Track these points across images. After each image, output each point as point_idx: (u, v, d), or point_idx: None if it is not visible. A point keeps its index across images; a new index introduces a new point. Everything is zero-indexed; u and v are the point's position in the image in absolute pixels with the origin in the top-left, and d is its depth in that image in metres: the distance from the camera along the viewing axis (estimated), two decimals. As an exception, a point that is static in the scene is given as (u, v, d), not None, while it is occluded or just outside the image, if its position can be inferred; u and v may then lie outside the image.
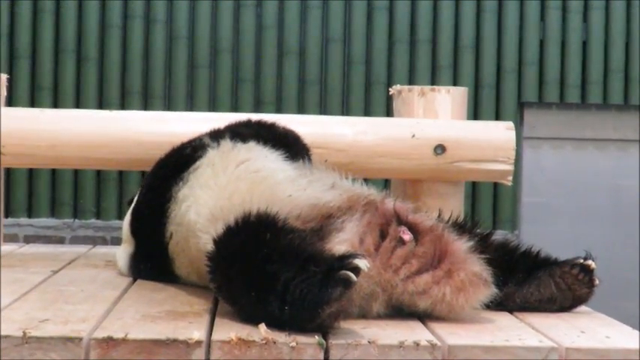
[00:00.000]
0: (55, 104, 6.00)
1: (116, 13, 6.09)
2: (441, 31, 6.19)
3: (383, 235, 2.39)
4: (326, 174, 2.69)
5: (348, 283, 2.07)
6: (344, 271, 2.07)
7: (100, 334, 2.08)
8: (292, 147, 2.93)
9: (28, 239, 5.89)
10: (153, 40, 6.13)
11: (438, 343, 2.11)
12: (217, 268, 2.32)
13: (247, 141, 2.82)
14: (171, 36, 6.15)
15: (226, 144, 2.81)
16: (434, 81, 6.15)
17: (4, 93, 3.57)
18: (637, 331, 2.34)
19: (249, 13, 6.15)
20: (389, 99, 4.57)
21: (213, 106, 6.09)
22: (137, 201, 3.02)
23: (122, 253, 3.02)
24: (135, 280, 2.90)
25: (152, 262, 2.87)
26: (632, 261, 6.23)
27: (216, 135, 2.92)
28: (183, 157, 2.86)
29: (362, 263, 2.09)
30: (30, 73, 6.05)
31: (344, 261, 2.09)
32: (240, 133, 2.90)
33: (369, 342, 2.10)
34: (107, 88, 6.08)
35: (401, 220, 2.42)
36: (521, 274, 2.56)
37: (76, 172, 6.03)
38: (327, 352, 2.08)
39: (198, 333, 2.09)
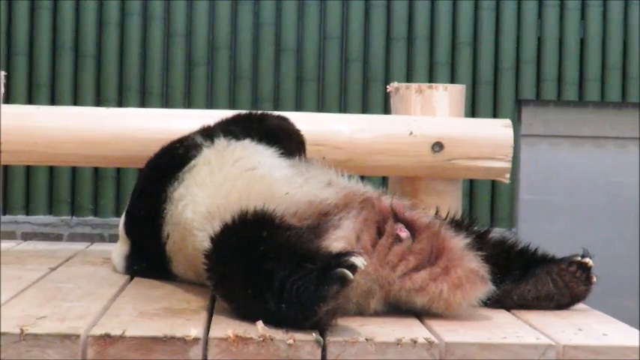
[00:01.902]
0: (53, 101, 6.00)
1: (113, 10, 6.08)
2: (438, 28, 6.19)
3: (380, 233, 2.39)
4: (322, 171, 2.69)
5: (344, 281, 2.07)
6: (340, 269, 2.07)
7: (98, 331, 2.08)
8: (285, 142, 2.92)
9: (26, 236, 5.88)
10: (150, 38, 6.12)
11: (436, 341, 2.11)
12: (214, 265, 2.32)
13: (242, 138, 2.82)
14: (168, 33, 6.14)
15: (221, 142, 2.81)
16: (431, 78, 6.14)
17: (2, 90, 3.56)
18: (634, 329, 2.34)
19: (246, 10, 6.15)
20: (386, 96, 4.57)
21: (210, 104, 6.09)
22: (131, 202, 3.01)
23: (118, 254, 3.02)
24: (132, 277, 2.90)
25: (148, 262, 2.87)
26: (630, 258, 6.23)
27: (209, 133, 2.91)
28: (176, 157, 2.85)
29: (358, 261, 2.09)
30: (27, 69, 6.04)
31: (340, 259, 2.09)
32: (231, 130, 2.90)
33: (366, 339, 2.10)
34: (104, 85, 6.08)
35: (398, 217, 2.42)
36: (518, 271, 2.56)
37: (74, 170, 6.03)
38: (324, 349, 2.08)
39: (195, 330, 2.09)
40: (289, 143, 2.98)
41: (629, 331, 2.33)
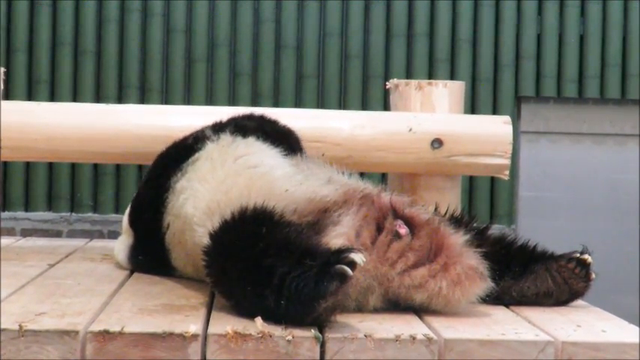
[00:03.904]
0: (52, 98, 6.00)
1: (113, 6, 6.08)
2: (438, 25, 6.19)
3: (379, 229, 2.39)
4: (322, 169, 2.69)
5: (344, 278, 2.07)
6: (340, 266, 2.07)
7: (97, 327, 2.08)
8: (292, 145, 2.93)
9: (25, 233, 5.89)
10: (150, 34, 6.12)
11: (434, 337, 2.11)
12: (213, 262, 2.32)
13: (247, 136, 2.82)
14: (168, 29, 6.14)
15: (226, 138, 2.82)
16: (431, 75, 6.14)
17: (2, 86, 3.56)
18: (634, 326, 2.34)
19: (246, 7, 6.15)
20: (386, 93, 4.57)
21: (210, 100, 6.09)
22: (138, 191, 3.03)
23: (121, 245, 3.03)
24: (132, 272, 2.91)
25: (151, 252, 2.88)
26: (630, 255, 6.24)
27: (218, 128, 2.91)
28: (184, 148, 2.87)
29: (358, 257, 2.09)
30: (27, 66, 6.05)
31: (340, 255, 2.09)
32: (242, 126, 2.90)
33: (365, 336, 2.10)
34: (104, 82, 6.08)
35: (397, 214, 2.42)
36: (517, 268, 2.56)
37: (73, 166, 6.03)
38: (323, 345, 2.08)
39: (194, 326, 2.09)
40: (296, 145, 3.00)
41: (628, 328, 2.33)
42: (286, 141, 2.93)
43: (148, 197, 2.90)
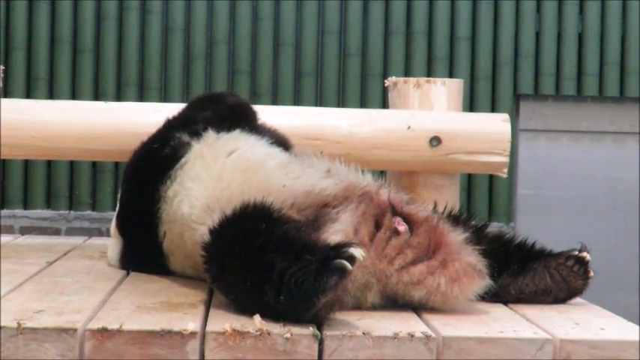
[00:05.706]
0: (51, 95, 5.99)
1: (112, 4, 6.07)
2: (436, 22, 6.18)
3: (378, 226, 2.39)
4: (318, 160, 2.68)
5: (343, 272, 2.07)
6: (339, 260, 2.07)
7: (95, 325, 2.08)
8: (249, 118, 2.94)
9: (24, 231, 5.88)
10: (149, 32, 6.11)
11: (433, 335, 2.11)
12: (213, 257, 2.32)
13: (231, 130, 2.82)
14: (167, 27, 6.13)
15: (210, 135, 2.81)
16: (430, 73, 6.14)
17: (0, 84, 3.56)
18: (632, 323, 2.34)
19: (245, 4, 6.14)
20: (385, 91, 4.57)
21: (209, 98, 6.07)
22: (121, 204, 2.99)
23: (113, 251, 3.01)
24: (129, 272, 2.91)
25: (145, 262, 2.86)
26: (629, 253, 6.23)
27: (192, 129, 2.88)
28: (164, 157, 2.83)
29: (357, 252, 2.09)
30: (25, 64, 6.04)
31: (339, 250, 2.10)
32: (209, 118, 2.89)
33: (363, 333, 2.10)
34: (103, 80, 6.07)
35: (396, 211, 2.42)
36: (516, 265, 2.57)
37: (72, 164, 6.02)
38: (321, 343, 2.08)
39: (192, 324, 2.09)
40: (252, 116, 3.00)
41: (627, 326, 2.33)
42: (245, 117, 2.93)
43: (136, 212, 2.87)
